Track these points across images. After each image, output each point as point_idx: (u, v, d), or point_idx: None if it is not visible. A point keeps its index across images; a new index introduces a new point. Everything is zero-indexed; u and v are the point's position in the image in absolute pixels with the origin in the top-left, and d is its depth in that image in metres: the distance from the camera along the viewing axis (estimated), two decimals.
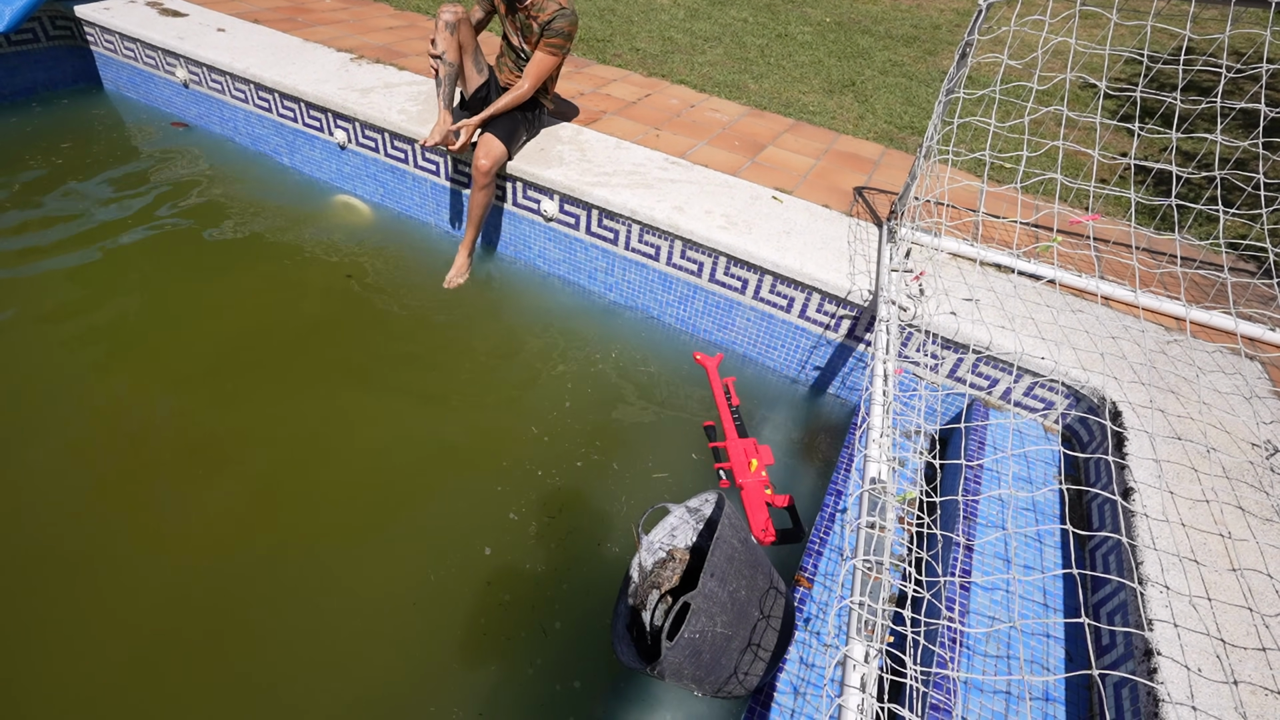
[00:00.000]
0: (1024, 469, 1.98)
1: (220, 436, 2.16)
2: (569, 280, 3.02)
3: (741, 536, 1.55)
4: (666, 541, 1.80)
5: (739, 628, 1.40)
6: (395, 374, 2.49)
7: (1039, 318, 2.24)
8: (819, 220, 2.66)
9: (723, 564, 1.43)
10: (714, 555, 1.43)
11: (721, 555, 1.44)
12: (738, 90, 4.02)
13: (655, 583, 1.76)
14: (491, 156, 2.66)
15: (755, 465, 2.10)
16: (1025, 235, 2.68)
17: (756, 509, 2.01)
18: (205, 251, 2.98)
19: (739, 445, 2.19)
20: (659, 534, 1.78)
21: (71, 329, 2.48)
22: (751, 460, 2.12)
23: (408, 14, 4.71)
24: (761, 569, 1.53)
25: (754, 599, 1.46)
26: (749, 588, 1.46)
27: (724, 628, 1.38)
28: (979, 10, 2.01)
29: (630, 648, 1.58)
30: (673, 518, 1.79)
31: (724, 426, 2.28)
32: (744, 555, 1.51)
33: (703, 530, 1.80)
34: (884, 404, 1.66)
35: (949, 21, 6.14)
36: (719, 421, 2.33)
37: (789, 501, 2.05)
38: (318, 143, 3.45)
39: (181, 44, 3.64)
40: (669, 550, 1.80)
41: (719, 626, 1.37)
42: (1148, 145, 3.65)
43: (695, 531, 1.81)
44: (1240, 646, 1.34)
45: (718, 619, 1.37)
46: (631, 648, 1.59)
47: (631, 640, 1.62)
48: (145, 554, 1.82)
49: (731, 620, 1.39)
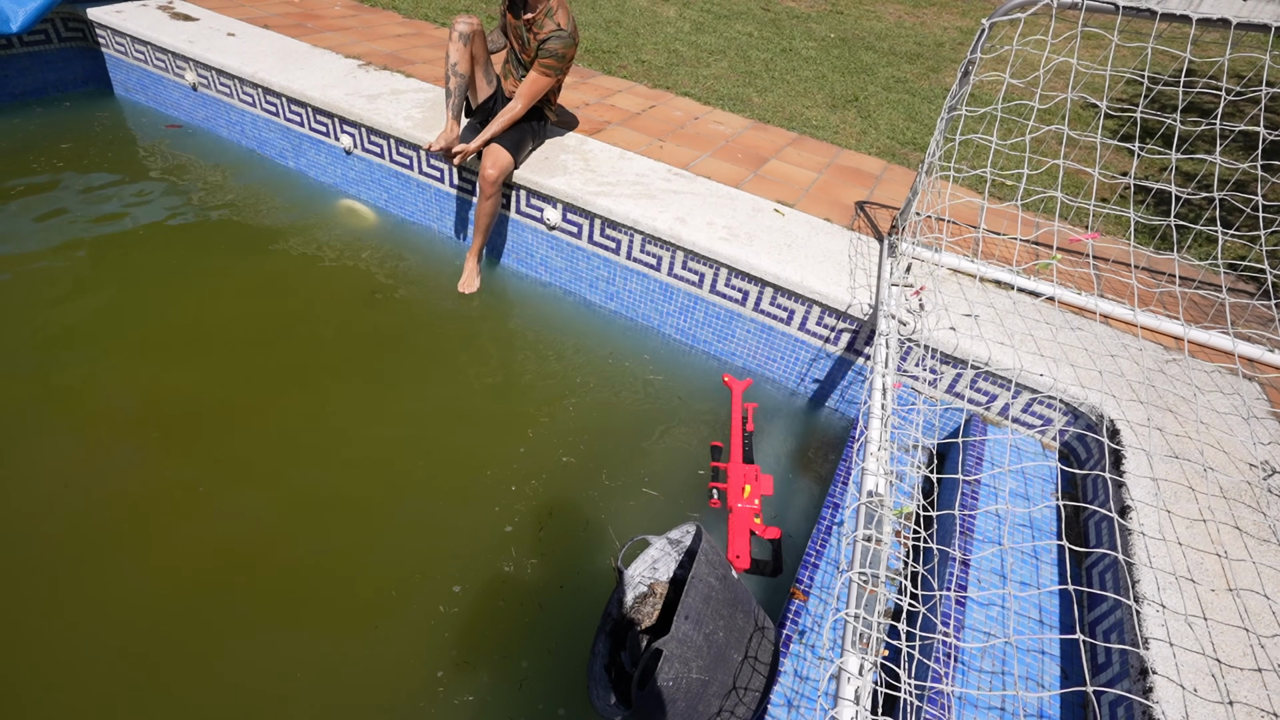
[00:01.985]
0: (1021, 485, 1.98)
1: (216, 437, 2.16)
2: (570, 289, 3.03)
3: (720, 574, 1.49)
4: (647, 575, 1.73)
5: (716, 672, 1.35)
6: (390, 379, 2.49)
7: (1038, 334, 2.25)
8: (820, 234, 2.67)
9: (698, 605, 1.37)
10: (688, 596, 1.37)
11: (697, 595, 1.38)
12: (742, 103, 4.06)
13: (635, 619, 1.69)
14: (499, 166, 2.68)
15: (748, 491, 2.08)
16: (1025, 252, 2.69)
17: (738, 534, 1.97)
18: (207, 253, 2.99)
19: (740, 469, 2.16)
20: (639, 567, 1.71)
21: (69, 330, 2.48)
22: (745, 486, 2.10)
23: (416, 22, 4.75)
24: (742, 606, 1.48)
25: (733, 640, 1.40)
26: (728, 628, 1.40)
27: (700, 673, 1.33)
28: (982, 29, 2.03)
29: (606, 690, 1.53)
30: (654, 550, 1.72)
31: (731, 448, 2.26)
32: (722, 594, 1.45)
33: (685, 562, 1.74)
34: (882, 418, 1.66)
35: (952, 39, 6.19)
36: (727, 443, 2.31)
37: (777, 535, 2.00)
38: (324, 147, 3.48)
39: (191, 47, 3.67)
40: (650, 584, 1.73)
41: (694, 672, 1.32)
42: (1148, 165, 3.67)
43: (677, 563, 1.74)
44: (1236, 667, 1.33)
45: (693, 664, 1.32)
46: (608, 691, 1.53)
47: (610, 682, 1.56)
48: (140, 555, 1.82)
49: (708, 664, 1.34)
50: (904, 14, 6.97)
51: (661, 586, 1.74)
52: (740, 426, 2.34)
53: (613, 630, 1.63)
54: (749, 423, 2.38)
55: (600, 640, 1.61)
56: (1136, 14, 1.82)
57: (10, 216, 3.00)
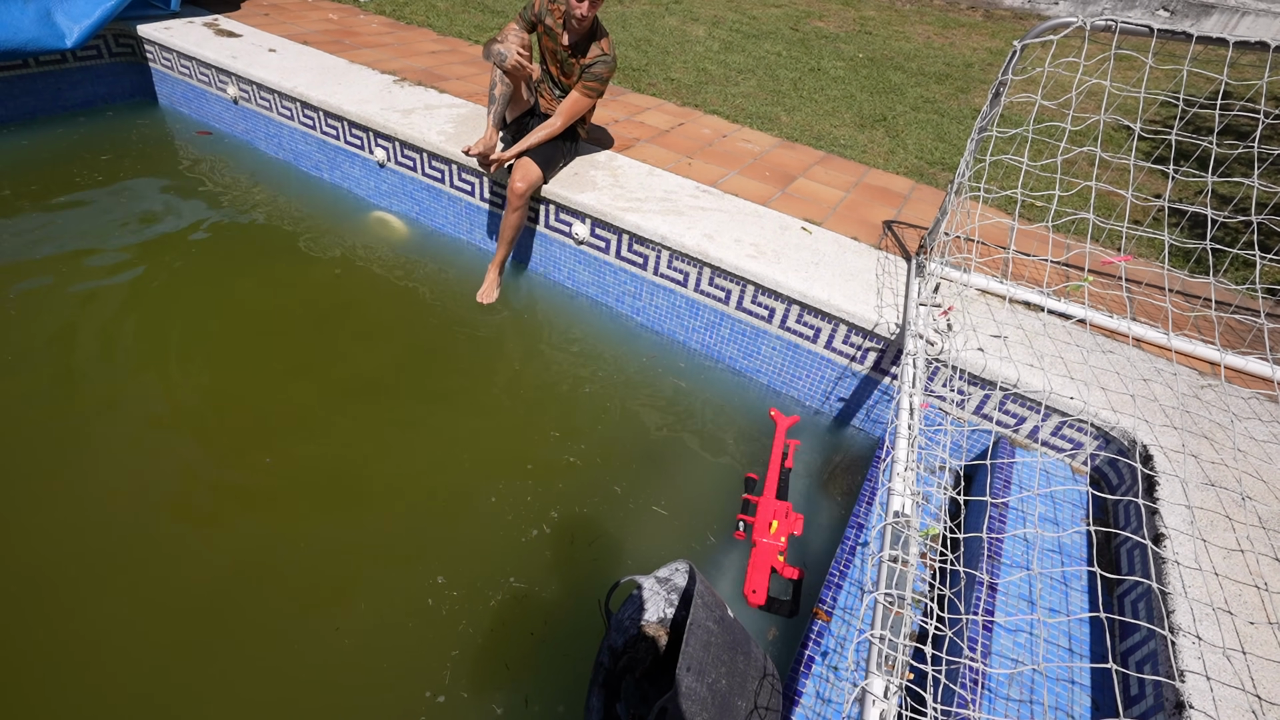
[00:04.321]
0: (1050, 509, 1.95)
1: (239, 442, 2.22)
2: (598, 302, 3.06)
3: (717, 616, 1.44)
4: (637, 617, 1.67)
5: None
6: (416, 387, 2.53)
7: (1068, 357, 2.22)
8: (847, 252, 2.67)
9: (699, 653, 1.33)
10: (688, 645, 1.32)
11: (697, 643, 1.34)
12: (770, 122, 4.08)
13: (628, 665, 1.63)
14: (528, 180, 2.73)
15: (775, 527, 2.05)
16: (1056, 274, 2.66)
17: (759, 569, 1.94)
18: (242, 262, 3.08)
19: (770, 505, 2.12)
20: (628, 610, 1.66)
21: (105, 334, 2.57)
22: (773, 522, 2.07)
23: (450, 39, 4.86)
24: (741, 648, 1.44)
25: (736, 686, 1.37)
26: (729, 674, 1.37)
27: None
28: (1013, 51, 2.03)
29: None
30: (642, 591, 1.67)
31: (766, 482, 2.23)
32: (721, 637, 1.41)
33: (675, 600, 1.67)
34: (909, 438, 1.65)
35: (981, 60, 6.17)
36: (763, 477, 2.28)
37: (797, 575, 1.97)
38: (358, 160, 3.57)
39: (234, 63, 3.80)
40: (640, 627, 1.67)
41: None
42: (1183, 188, 3.62)
43: (667, 602, 1.69)
44: (1276, 704, 1.30)
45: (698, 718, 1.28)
46: None
47: None
48: (169, 554, 1.87)
49: (715, 716, 1.30)
50: (933, 35, 6.97)
51: (653, 628, 1.67)
52: (779, 461, 2.30)
53: (605, 681, 1.57)
54: (789, 459, 2.34)
55: (594, 695, 1.55)
56: (1172, 36, 1.81)
57: (52, 223, 3.11)
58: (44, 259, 2.86)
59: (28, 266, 2.80)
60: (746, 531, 2.08)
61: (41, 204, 3.23)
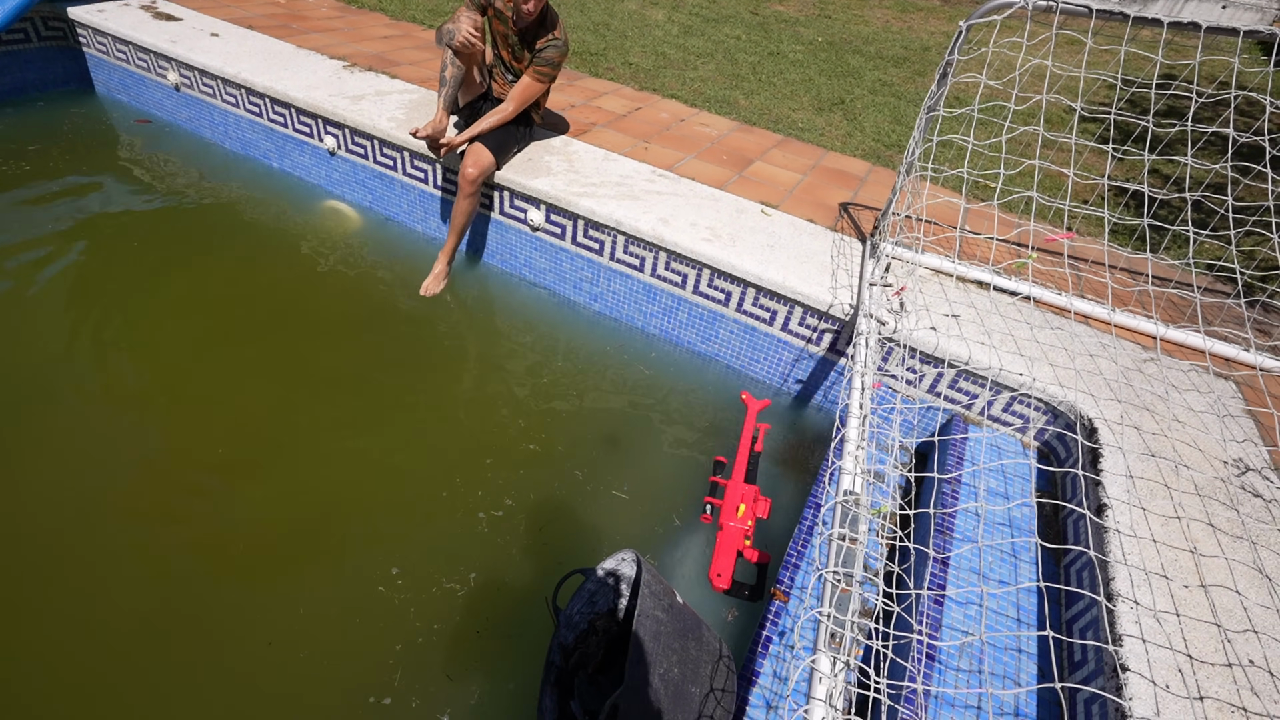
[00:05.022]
0: (1001, 484, 1.99)
1: (179, 440, 2.15)
2: (554, 290, 3.02)
3: (665, 604, 1.43)
4: (586, 611, 1.63)
5: (677, 712, 1.30)
6: (365, 381, 2.48)
7: (1018, 334, 2.26)
8: (803, 235, 2.68)
9: (648, 644, 1.32)
10: (637, 637, 1.30)
11: (646, 634, 1.32)
12: (728, 106, 4.07)
13: (580, 661, 1.61)
14: (479, 166, 2.68)
15: (742, 511, 2.04)
16: (1005, 252, 2.71)
17: (725, 553, 1.94)
18: (183, 255, 2.96)
19: (738, 488, 2.11)
20: (577, 604, 1.62)
21: (48, 332, 2.46)
22: (740, 505, 2.06)
23: (403, 24, 4.74)
24: (692, 634, 1.43)
25: (689, 673, 1.36)
26: (681, 661, 1.36)
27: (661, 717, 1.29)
28: (959, 32, 2.04)
29: None
30: (590, 584, 1.64)
31: (735, 466, 2.22)
32: (670, 625, 1.39)
33: (624, 590, 1.65)
34: (860, 416, 1.66)
35: (938, 44, 6.23)
36: (732, 460, 2.27)
37: (765, 560, 1.97)
38: (307, 148, 3.46)
39: (174, 47, 3.65)
40: (590, 620, 1.64)
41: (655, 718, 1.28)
42: (1131, 167, 3.71)
43: (615, 593, 1.66)
44: (1207, 662, 1.34)
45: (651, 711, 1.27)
46: None
47: None
48: (129, 548, 1.80)
49: (668, 706, 1.29)
50: (891, 19, 7.02)
51: (603, 621, 1.65)
52: (749, 445, 2.29)
53: (558, 679, 1.54)
54: (758, 443, 2.33)
55: (546, 695, 1.52)
56: (1110, 17, 1.83)
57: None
58: None
59: None
60: (714, 515, 2.08)
61: None
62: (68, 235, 2.93)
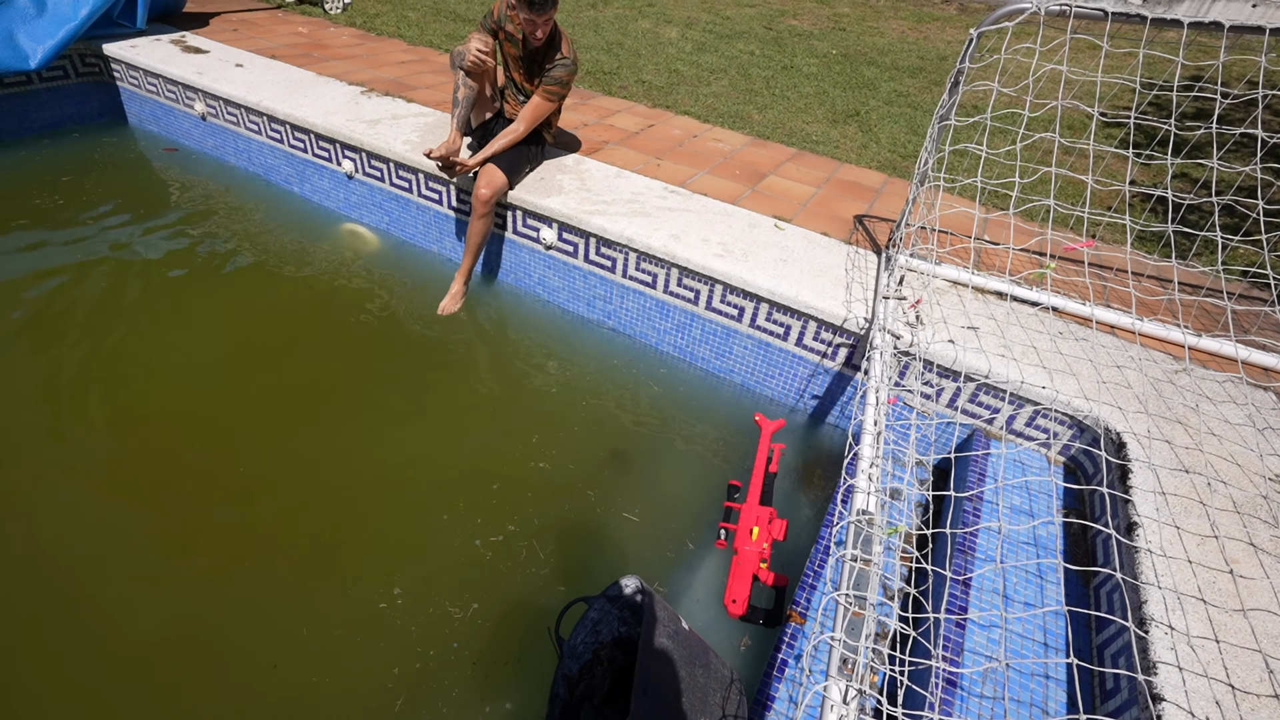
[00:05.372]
0: (1025, 501, 1.92)
1: (201, 454, 2.18)
2: (567, 308, 3.02)
3: (671, 631, 1.39)
4: (590, 640, 1.59)
5: None
6: (379, 401, 2.49)
7: (1040, 345, 2.20)
8: (817, 248, 2.64)
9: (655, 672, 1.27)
10: (642, 666, 1.27)
11: (651, 663, 1.28)
12: (741, 121, 4.06)
13: (585, 693, 1.55)
14: (492, 186, 2.70)
15: (756, 534, 1.97)
16: (1025, 262, 2.64)
17: (740, 578, 1.88)
18: (212, 277, 3.03)
19: (753, 511, 2.04)
20: (580, 634, 1.58)
21: (76, 350, 2.52)
22: (754, 528, 1.99)
23: (420, 49, 4.83)
24: (699, 661, 1.39)
25: (696, 701, 1.32)
26: (689, 689, 1.32)
27: None
28: (970, 39, 2.01)
29: None
30: (593, 612, 1.60)
31: (750, 489, 2.15)
32: (677, 653, 1.36)
33: (628, 617, 1.60)
34: (875, 433, 1.62)
35: (955, 53, 6.18)
36: (746, 483, 2.20)
37: (783, 583, 1.90)
38: (326, 172, 3.53)
39: (200, 79, 3.76)
40: (594, 650, 1.59)
41: None
42: (1155, 172, 3.61)
43: (620, 621, 1.61)
44: (1251, 693, 1.26)
45: None
46: None
47: None
48: (144, 567, 1.82)
49: None
50: (907, 29, 6.98)
51: (608, 650, 1.60)
52: (763, 467, 2.23)
53: (563, 713, 1.49)
54: (773, 464, 2.27)
55: None
56: (1126, 19, 1.79)
57: (8, 248, 3.07)
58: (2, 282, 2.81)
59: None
60: (728, 539, 2.03)
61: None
62: (95, 261, 3.01)
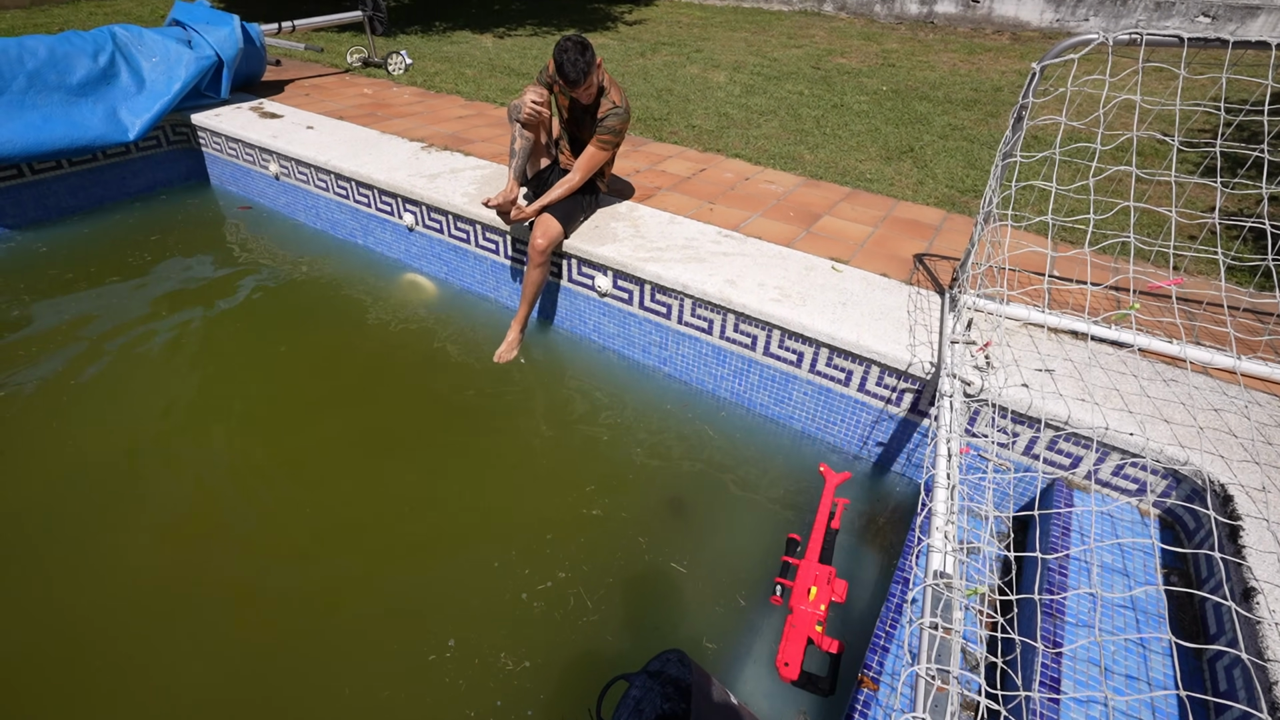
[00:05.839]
0: (1118, 559, 1.77)
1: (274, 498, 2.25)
2: (623, 354, 3.02)
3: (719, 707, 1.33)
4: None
5: None
6: (437, 447, 2.53)
7: (1124, 388, 2.06)
8: (876, 290, 2.57)
9: None
10: None
11: None
12: (793, 161, 4.05)
13: None
14: (548, 236, 2.74)
15: (814, 594, 1.88)
16: (1102, 299, 2.50)
17: (794, 640, 1.79)
18: (280, 328, 3.17)
19: (811, 568, 1.95)
20: (623, 713, 1.52)
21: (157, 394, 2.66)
22: (811, 588, 1.90)
23: (476, 104, 5.03)
24: None
25: None
26: None
27: None
28: (1032, 73, 1.95)
29: None
30: (635, 690, 1.54)
31: (810, 544, 2.06)
32: None
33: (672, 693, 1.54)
34: (948, 487, 1.53)
35: (1010, 83, 6.05)
36: (806, 538, 2.10)
37: (837, 648, 1.80)
38: (389, 225, 3.67)
39: (275, 141, 4.00)
40: None
41: None
42: (1243, 200, 3.40)
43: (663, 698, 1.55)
44: None
45: None
46: None
47: None
48: (199, 618, 1.86)
49: None
50: (958, 62, 6.89)
51: None
52: (824, 522, 2.14)
53: None
54: (835, 520, 2.17)
55: None
56: (1205, 44, 1.70)
57: (102, 300, 3.30)
58: (97, 335, 3.02)
59: (79, 341, 2.96)
60: (784, 596, 1.94)
61: (96, 284, 3.43)
62: (175, 315, 3.21)
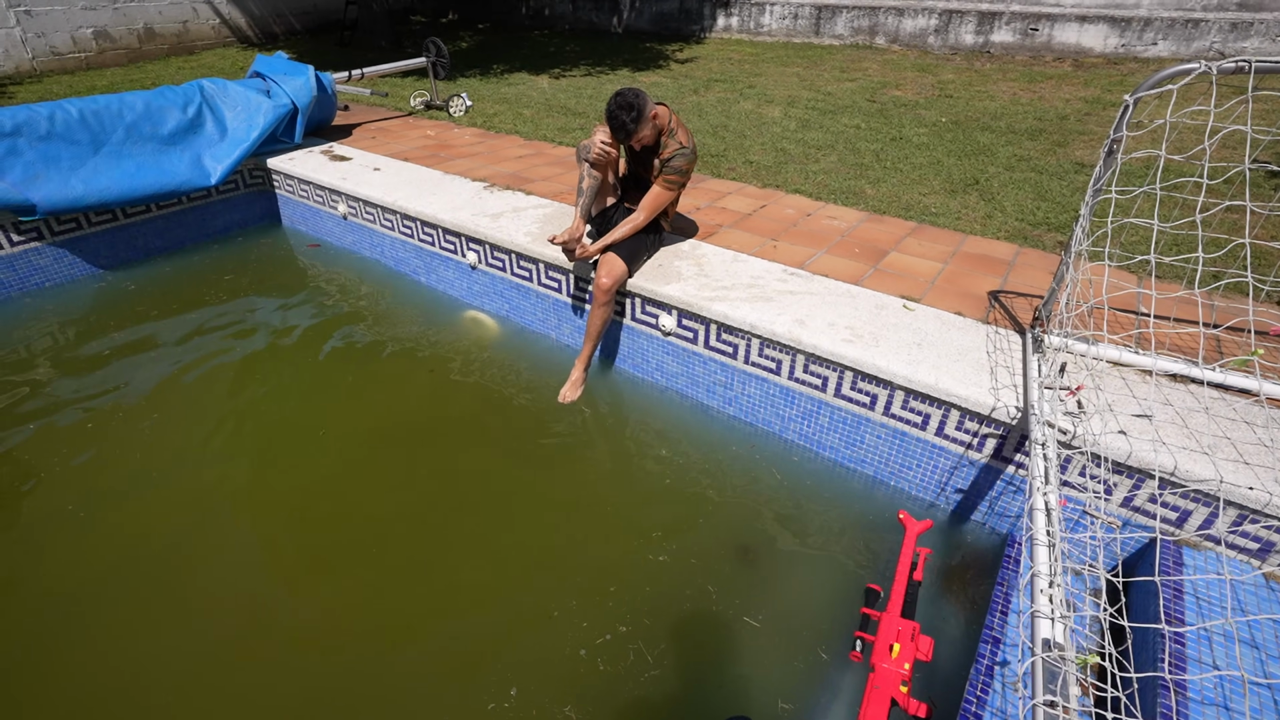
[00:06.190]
0: (1245, 630, 1.62)
1: (327, 538, 2.30)
2: (687, 394, 2.98)
3: None
4: None
5: None
6: (499, 488, 2.52)
7: (1236, 437, 1.91)
8: (952, 329, 2.48)
9: None
10: None
11: None
12: (854, 196, 3.99)
13: None
14: (613, 275, 2.75)
15: (897, 651, 1.75)
16: (1189, 340, 2.35)
17: (877, 701, 1.65)
18: (343, 363, 3.27)
19: (894, 623, 1.83)
20: None
21: (222, 430, 2.76)
22: (894, 645, 1.77)
23: (535, 143, 5.15)
24: None
25: None
26: None
27: None
28: (1125, 106, 1.87)
29: None
30: None
31: (891, 596, 1.94)
32: None
33: None
34: (1049, 545, 1.43)
35: (1076, 111, 5.88)
36: (887, 590, 1.98)
37: (925, 712, 1.65)
38: (452, 263, 3.75)
39: (343, 183, 4.16)
40: None
41: None
42: None
43: None
44: None
45: None
46: None
47: None
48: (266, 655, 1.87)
49: None
50: (1019, 91, 6.75)
51: None
52: (906, 573, 2.01)
53: None
54: (918, 570, 2.04)
55: None
56: None
57: (181, 335, 3.45)
58: (176, 367, 3.18)
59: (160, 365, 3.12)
60: (864, 652, 1.84)
61: (176, 319, 3.61)
62: (244, 348, 3.35)
